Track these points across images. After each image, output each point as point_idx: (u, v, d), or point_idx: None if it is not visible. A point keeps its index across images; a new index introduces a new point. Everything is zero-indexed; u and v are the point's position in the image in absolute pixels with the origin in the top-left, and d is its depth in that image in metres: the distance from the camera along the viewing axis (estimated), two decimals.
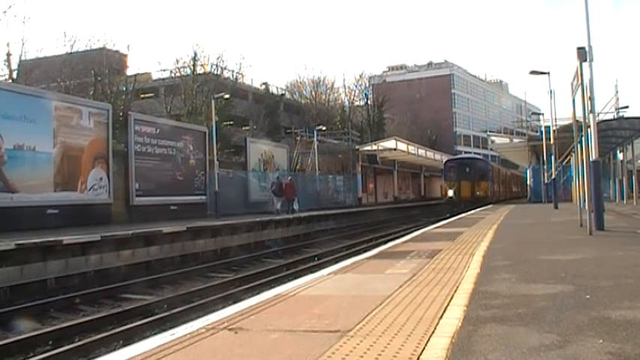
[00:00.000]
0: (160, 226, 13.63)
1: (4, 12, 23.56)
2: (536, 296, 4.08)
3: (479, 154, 62.44)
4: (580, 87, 9.45)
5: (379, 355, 2.79)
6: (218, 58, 34.38)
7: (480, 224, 13.51)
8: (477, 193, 30.77)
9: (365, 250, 10.43)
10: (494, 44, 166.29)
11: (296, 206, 22.51)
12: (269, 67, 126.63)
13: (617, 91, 27.96)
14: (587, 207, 9.58)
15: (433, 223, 17.85)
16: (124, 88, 29.26)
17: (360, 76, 55.20)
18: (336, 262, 8.19)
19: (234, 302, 6.04)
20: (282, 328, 3.50)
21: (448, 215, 23.68)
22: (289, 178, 23.74)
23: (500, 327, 3.21)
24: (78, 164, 15.04)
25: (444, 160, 37.79)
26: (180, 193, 19.00)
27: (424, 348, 2.87)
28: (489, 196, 31.67)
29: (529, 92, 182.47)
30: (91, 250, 11.13)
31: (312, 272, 7.35)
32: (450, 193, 31.00)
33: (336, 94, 53.08)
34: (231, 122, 35.20)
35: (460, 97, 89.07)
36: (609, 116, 25.06)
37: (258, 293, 6.66)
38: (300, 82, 51.17)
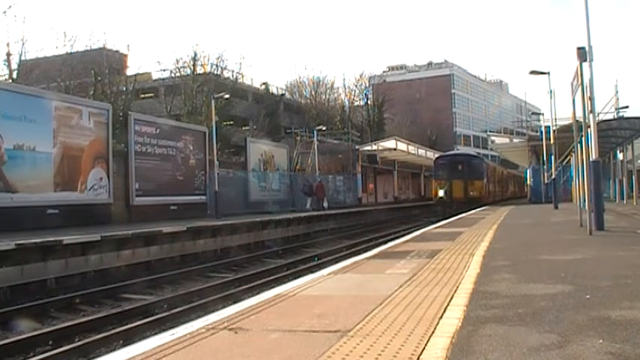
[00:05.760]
0: (160, 226, 13.62)
1: (4, 12, 23.59)
2: (536, 296, 4.08)
3: (479, 153, 62.32)
4: (580, 87, 9.45)
5: (379, 355, 2.79)
6: (218, 58, 34.48)
7: (479, 224, 13.51)
8: (471, 193, 28.02)
9: (365, 250, 10.42)
10: (494, 44, 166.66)
11: (325, 204, 25.59)
12: (269, 67, 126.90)
13: (617, 91, 28.00)
14: (587, 207, 9.58)
15: (433, 223, 17.84)
16: (124, 88, 29.19)
17: (360, 76, 55.41)
18: (336, 262, 8.18)
19: (234, 302, 6.04)
20: (282, 328, 3.50)
21: (442, 217, 22.66)
22: (319, 180, 26.86)
23: (501, 327, 3.21)
24: (78, 164, 15.02)
25: (435, 157, 34.60)
26: (180, 193, 18.99)
27: (424, 348, 2.87)
28: (484, 196, 29.14)
29: (529, 92, 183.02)
30: (91, 250, 11.11)
31: (312, 272, 7.35)
32: (441, 193, 28.28)
33: (336, 94, 53.22)
34: (231, 122, 35.18)
35: (460, 97, 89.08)
36: (609, 116, 25.06)
37: (258, 293, 6.66)
38: (300, 82, 51.30)
